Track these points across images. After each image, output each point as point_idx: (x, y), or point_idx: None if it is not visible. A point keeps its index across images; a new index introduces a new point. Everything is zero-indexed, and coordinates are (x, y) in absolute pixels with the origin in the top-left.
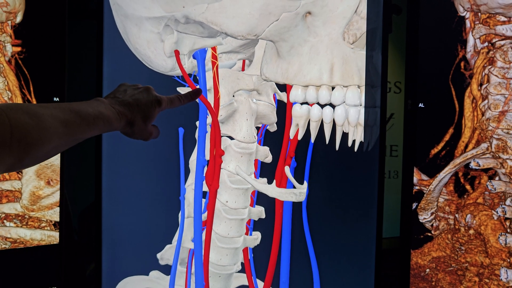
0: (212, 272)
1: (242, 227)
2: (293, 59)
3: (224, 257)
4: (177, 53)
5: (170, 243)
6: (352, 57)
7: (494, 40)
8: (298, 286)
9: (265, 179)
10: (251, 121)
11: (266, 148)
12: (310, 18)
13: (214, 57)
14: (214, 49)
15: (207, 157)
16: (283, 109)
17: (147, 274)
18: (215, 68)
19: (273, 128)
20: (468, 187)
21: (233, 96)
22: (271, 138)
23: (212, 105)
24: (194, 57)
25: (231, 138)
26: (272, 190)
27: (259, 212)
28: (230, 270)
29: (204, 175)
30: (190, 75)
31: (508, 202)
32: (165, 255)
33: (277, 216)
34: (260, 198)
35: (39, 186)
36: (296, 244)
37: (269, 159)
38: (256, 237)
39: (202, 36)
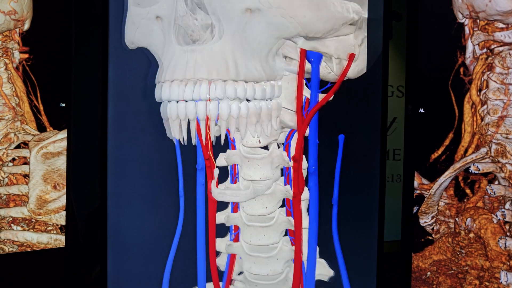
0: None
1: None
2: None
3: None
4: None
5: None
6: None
7: (492, 46)
8: None
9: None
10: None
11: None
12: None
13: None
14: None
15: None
16: None
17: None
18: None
19: None
20: (468, 191)
21: None
22: None
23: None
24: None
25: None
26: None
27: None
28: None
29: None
30: None
31: (507, 205)
32: None
33: (297, 220)
34: None
35: (45, 190)
36: None
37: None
38: None
39: None
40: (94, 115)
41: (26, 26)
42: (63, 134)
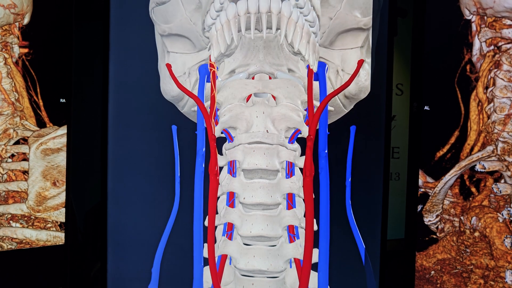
0: None
1: None
2: None
3: None
4: None
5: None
6: None
7: (500, 44)
8: None
9: None
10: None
11: None
12: None
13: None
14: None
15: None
16: None
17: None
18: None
19: None
20: (473, 189)
21: None
22: None
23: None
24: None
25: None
26: None
27: None
28: None
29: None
30: None
31: None
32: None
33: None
34: None
35: (45, 187)
36: None
37: None
38: None
39: None
40: (95, 111)
41: (26, 20)
42: (63, 130)
